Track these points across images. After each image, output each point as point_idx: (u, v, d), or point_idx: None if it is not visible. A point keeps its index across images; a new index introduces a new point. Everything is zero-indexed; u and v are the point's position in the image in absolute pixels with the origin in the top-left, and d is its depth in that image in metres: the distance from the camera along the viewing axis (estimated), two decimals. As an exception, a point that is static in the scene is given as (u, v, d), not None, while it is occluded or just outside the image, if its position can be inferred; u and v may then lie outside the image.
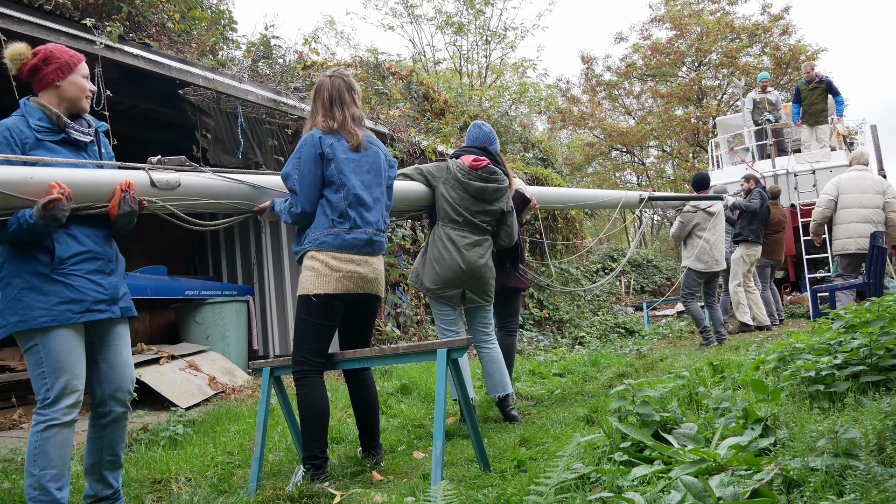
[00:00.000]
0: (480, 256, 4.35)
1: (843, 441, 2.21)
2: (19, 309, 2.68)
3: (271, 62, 8.48)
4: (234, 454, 4.10)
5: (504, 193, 4.47)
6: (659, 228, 30.33)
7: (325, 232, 3.36)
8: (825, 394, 3.14)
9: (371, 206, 3.43)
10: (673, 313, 12.45)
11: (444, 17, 22.07)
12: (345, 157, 3.37)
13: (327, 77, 3.52)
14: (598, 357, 7.39)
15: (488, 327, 4.60)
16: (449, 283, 4.32)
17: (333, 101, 3.44)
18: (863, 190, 7.04)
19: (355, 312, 3.58)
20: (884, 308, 3.49)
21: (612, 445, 2.83)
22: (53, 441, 2.69)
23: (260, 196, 3.65)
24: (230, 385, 6.35)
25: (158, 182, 3.25)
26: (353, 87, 3.51)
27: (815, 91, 11.20)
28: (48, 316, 2.69)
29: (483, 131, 4.61)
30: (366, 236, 3.39)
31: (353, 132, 3.40)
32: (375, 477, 3.39)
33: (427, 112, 9.96)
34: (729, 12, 22.90)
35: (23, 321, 2.67)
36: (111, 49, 5.85)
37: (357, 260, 3.37)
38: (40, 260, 2.72)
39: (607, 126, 23.60)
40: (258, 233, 8.58)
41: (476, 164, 4.38)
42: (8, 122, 2.79)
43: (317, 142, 3.35)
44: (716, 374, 4.63)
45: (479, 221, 4.38)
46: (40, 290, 2.70)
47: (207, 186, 3.47)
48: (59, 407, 2.71)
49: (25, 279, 2.70)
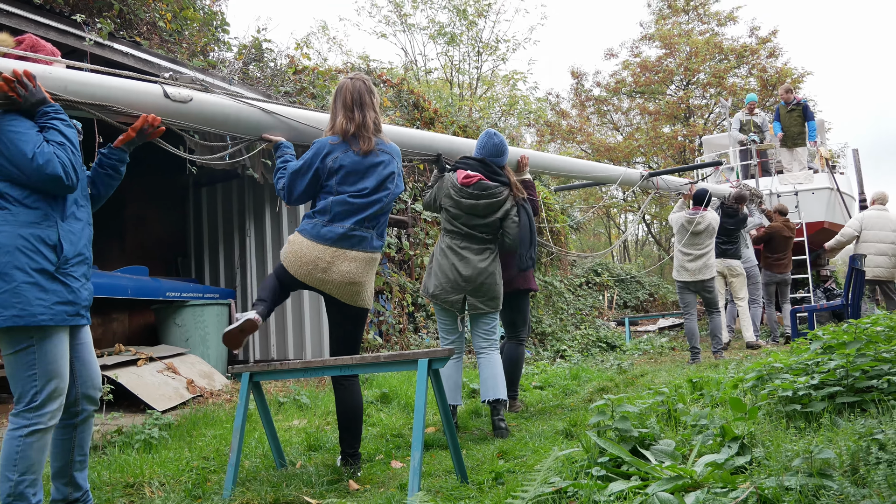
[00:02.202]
0: (480, 263, 4.42)
1: (817, 461, 2.22)
2: (17, 303, 2.57)
3: (262, 65, 8.47)
4: (210, 459, 4.06)
5: (500, 206, 4.46)
6: (643, 245, 30.50)
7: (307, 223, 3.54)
8: (801, 413, 3.17)
9: (359, 210, 3.48)
10: (654, 329, 12.50)
11: (437, 27, 22.13)
12: (349, 168, 3.46)
13: (349, 79, 3.60)
14: (579, 371, 7.40)
15: (490, 336, 4.61)
16: (450, 289, 4.43)
17: (354, 102, 3.52)
18: (881, 227, 8.33)
19: (337, 315, 3.64)
20: (860, 330, 3.52)
21: (590, 460, 2.83)
22: (36, 446, 2.63)
23: (272, 127, 3.72)
24: (208, 389, 6.30)
25: (172, 95, 3.29)
26: (372, 91, 3.60)
27: (793, 114, 11.41)
28: (47, 314, 2.63)
29: (493, 142, 4.56)
30: (342, 230, 3.45)
31: (366, 136, 3.50)
32: (352, 486, 3.37)
33: (417, 121, 9.97)
34: (718, 33, 23.12)
35: (19, 316, 2.58)
36: (101, 46, 5.82)
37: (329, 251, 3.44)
38: (46, 256, 2.66)
39: (595, 141, 23.71)
40: (242, 236, 8.54)
41: (467, 181, 4.40)
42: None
43: (323, 153, 3.46)
44: (695, 391, 4.65)
45: (478, 233, 4.46)
46: (42, 288, 2.63)
47: (218, 105, 3.55)
48: (46, 411, 2.65)
49: (29, 273, 2.61)
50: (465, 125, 11.27)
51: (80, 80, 3.03)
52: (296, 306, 7.76)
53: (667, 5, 23.94)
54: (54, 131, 2.70)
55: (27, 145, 2.61)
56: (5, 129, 2.65)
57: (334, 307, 3.62)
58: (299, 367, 3.57)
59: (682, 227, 7.59)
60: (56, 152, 2.64)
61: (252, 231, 8.42)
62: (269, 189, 7.94)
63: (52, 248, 2.68)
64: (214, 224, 9.01)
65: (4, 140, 2.64)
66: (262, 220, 8.27)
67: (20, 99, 2.69)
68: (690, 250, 7.59)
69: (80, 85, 3.05)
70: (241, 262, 8.55)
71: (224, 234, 8.85)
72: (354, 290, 3.53)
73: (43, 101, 2.75)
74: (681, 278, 7.73)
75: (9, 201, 2.64)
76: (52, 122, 2.72)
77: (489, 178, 4.45)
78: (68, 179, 2.66)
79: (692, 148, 21.50)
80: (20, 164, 2.62)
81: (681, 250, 7.63)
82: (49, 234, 2.68)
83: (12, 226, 2.62)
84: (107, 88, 3.13)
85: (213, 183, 8.97)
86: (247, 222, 8.47)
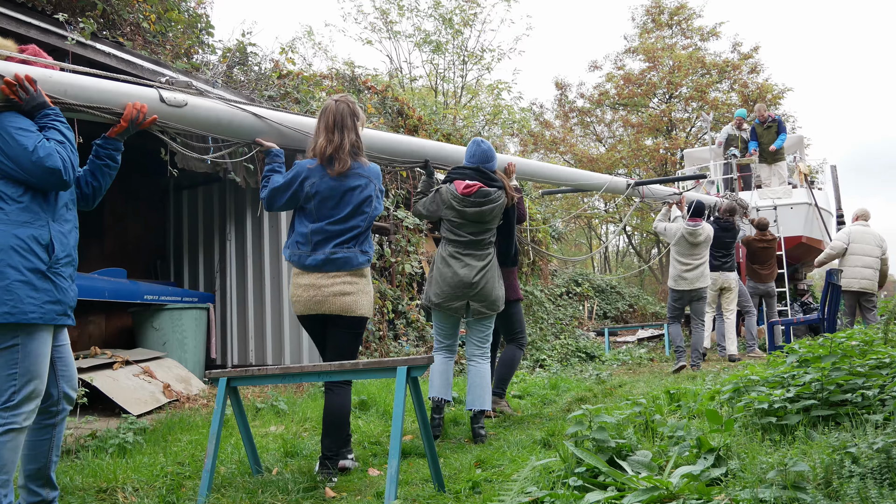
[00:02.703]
0: (483, 268, 4.56)
1: (791, 474, 2.24)
2: (8, 300, 2.60)
3: (246, 69, 8.44)
4: (185, 465, 4.02)
5: (500, 209, 4.61)
6: (623, 255, 30.69)
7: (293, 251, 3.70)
8: (777, 426, 3.20)
9: (337, 233, 3.64)
10: (634, 340, 12.57)
11: (423, 35, 22.18)
12: (325, 194, 3.61)
13: (333, 101, 3.71)
14: (557, 380, 7.42)
15: (483, 343, 4.75)
16: (453, 296, 4.54)
17: (336, 124, 3.63)
18: (867, 242, 8.62)
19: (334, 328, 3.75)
20: (836, 344, 3.56)
21: (567, 470, 2.83)
22: (10, 446, 2.62)
23: (263, 132, 3.86)
24: (185, 393, 6.24)
25: (167, 99, 3.44)
26: (356, 114, 3.71)
27: (769, 131, 11.69)
28: (37, 313, 2.66)
29: (481, 149, 4.67)
30: (323, 256, 3.62)
31: (342, 158, 3.59)
32: (328, 494, 3.35)
33: (401, 128, 9.98)
34: (701, 48, 23.41)
35: (10, 313, 2.60)
36: (83, 46, 5.77)
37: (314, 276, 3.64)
38: (39, 255, 2.70)
39: (578, 152, 23.85)
40: (223, 239, 8.48)
41: (468, 190, 4.50)
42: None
43: (301, 178, 3.63)
44: (672, 402, 4.68)
45: (481, 238, 4.59)
46: (34, 286, 2.67)
47: (212, 109, 3.69)
48: (22, 411, 2.65)
49: (22, 272, 2.64)
50: (449, 133, 11.29)
51: (79, 84, 3.14)
52: (275, 311, 7.72)
53: (651, 19, 24.21)
54: (55, 131, 2.78)
55: (28, 140, 2.68)
56: (6, 125, 2.70)
57: (331, 322, 3.72)
58: (277, 373, 3.55)
59: (682, 237, 7.75)
60: (56, 148, 2.72)
61: (233, 235, 8.36)
62: (250, 193, 7.90)
63: (45, 248, 2.72)
64: (195, 227, 8.94)
65: (5, 136, 2.69)
66: (243, 224, 8.22)
67: (21, 101, 2.77)
68: (689, 260, 7.80)
69: (80, 89, 3.15)
70: (221, 267, 8.48)
71: (204, 237, 8.78)
72: (345, 301, 3.65)
73: (43, 104, 2.83)
74: (679, 287, 7.90)
75: (4, 200, 2.68)
76: (52, 122, 2.80)
77: (487, 184, 4.56)
78: (66, 174, 2.72)
79: (674, 161, 21.70)
80: (20, 158, 2.66)
81: (680, 260, 7.83)
82: (42, 234, 2.72)
83: (6, 225, 2.66)
84: (104, 92, 3.23)
85: (194, 186, 8.91)
86: (227, 226, 8.41)
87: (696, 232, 7.71)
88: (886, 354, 3.46)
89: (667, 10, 23.82)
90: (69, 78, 3.13)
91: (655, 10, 23.98)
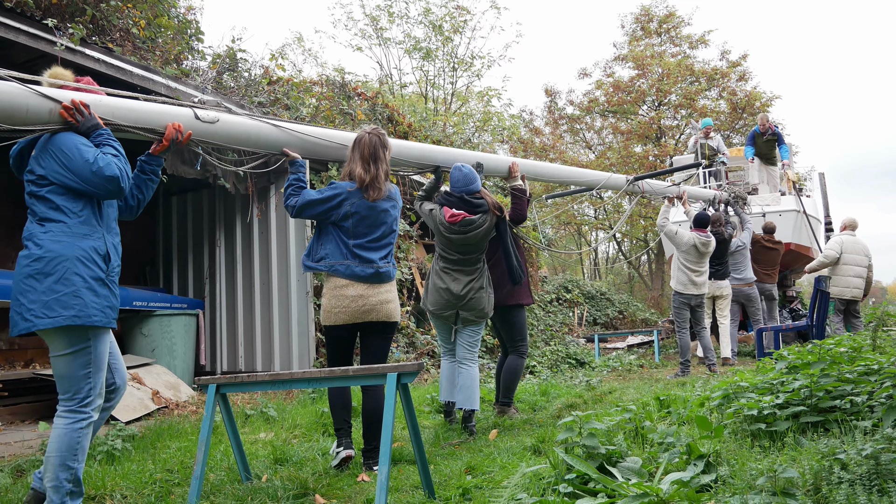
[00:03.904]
0: (470, 283, 4.95)
1: (781, 480, 2.25)
2: (75, 305, 2.89)
3: (236, 75, 8.43)
4: (174, 472, 3.99)
5: (486, 231, 4.92)
6: (613, 262, 30.78)
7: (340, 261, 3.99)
8: (766, 432, 3.21)
9: (376, 248, 4.05)
10: (623, 346, 12.59)
11: (413, 42, 22.24)
12: (363, 214, 3.99)
13: (366, 133, 4.12)
14: (548, 387, 7.41)
15: (473, 348, 5.11)
16: (445, 306, 4.99)
17: (371, 156, 4.05)
18: (857, 252, 8.90)
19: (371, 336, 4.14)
20: (825, 351, 3.59)
21: (557, 477, 2.83)
22: (88, 436, 2.99)
23: (288, 143, 4.20)
24: (174, 400, 6.20)
25: (201, 116, 3.78)
26: (385, 145, 4.14)
27: (768, 143, 11.83)
28: (100, 316, 2.97)
29: (462, 173, 4.96)
30: (372, 270, 4.01)
31: (377, 187, 4.02)
32: (318, 500, 3.34)
33: (391, 134, 9.98)
34: (689, 56, 23.56)
35: (78, 316, 2.88)
36: (72, 51, 5.75)
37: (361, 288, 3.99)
38: (98, 264, 3.01)
39: (568, 159, 23.88)
40: (212, 246, 8.46)
41: (453, 219, 4.86)
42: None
43: (341, 198, 3.98)
44: (662, 408, 4.69)
45: (469, 257, 4.97)
46: (95, 292, 2.97)
47: (241, 125, 4.03)
48: (96, 405, 3.03)
49: (86, 279, 2.94)
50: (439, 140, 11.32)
51: (125, 107, 3.46)
52: (265, 317, 7.69)
53: (640, 27, 24.35)
54: (108, 147, 3.11)
55: (89, 153, 3.00)
56: (69, 142, 3.02)
57: (367, 330, 4.10)
58: (267, 380, 3.54)
59: (694, 247, 8.14)
60: (112, 160, 3.03)
61: (222, 241, 8.34)
62: (240, 200, 7.88)
63: (103, 258, 3.05)
64: (184, 233, 8.91)
65: (67, 151, 3.00)
66: (232, 230, 8.19)
67: (78, 123, 3.11)
68: (697, 267, 8.20)
69: (125, 111, 3.46)
70: (211, 273, 8.45)
71: (193, 243, 8.75)
72: (389, 308, 4.07)
73: (97, 125, 3.16)
74: (688, 292, 8.22)
75: (66, 214, 2.98)
76: (106, 140, 3.13)
77: (472, 212, 4.89)
78: (123, 182, 3.04)
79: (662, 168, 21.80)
80: (82, 169, 2.96)
81: (690, 268, 8.19)
82: (99, 245, 3.05)
83: (70, 237, 2.96)
84: (147, 113, 3.54)
85: (183, 192, 8.88)
86: (217, 232, 8.39)
87: (709, 243, 8.18)
88: (875, 361, 3.49)
89: (656, 17, 23.98)
90: (116, 101, 3.46)
91: (645, 17, 24.14)
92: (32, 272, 2.90)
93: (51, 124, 3.08)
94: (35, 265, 2.90)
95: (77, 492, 2.95)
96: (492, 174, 5.75)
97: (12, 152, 3.17)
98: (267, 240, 7.75)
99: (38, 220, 2.98)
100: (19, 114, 3.01)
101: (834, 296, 8.84)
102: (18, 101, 3.01)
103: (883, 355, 3.66)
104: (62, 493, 2.90)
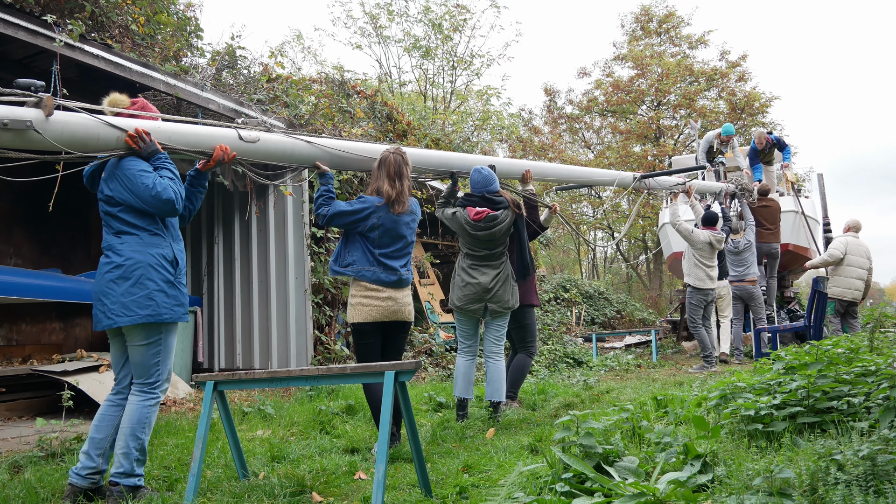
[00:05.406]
0: (497, 275, 5.26)
1: (777, 480, 2.26)
2: (150, 305, 3.39)
3: (235, 72, 8.42)
4: (171, 468, 4.00)
5: (508, 226, 5.23)
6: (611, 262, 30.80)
7: (366, 268, 4.40)
8: (763, 433, 3.21)
9: (398, 256, 4.47)
10: (621, 346, 12.59)
11: (412, 41, 22.23)
12: (388, 226, 4.41)
13: (390, 153, 4.55)
14: (545, 386, 7.41)
15: (499, 342, 5.40)
16: (473, 300, 5.26)
17: (396, 174, 4.47)
18: (860, 254, 8.97)
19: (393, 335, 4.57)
20: (822, 352, 3.59)
21: (554, 476, 2.84)
22: (155, 413, 3.49)
23: (318, 157, 4.58)
24: (171, 397, 6.20)
25: (244, 137, 4.19)
26: (408, 163, 4.57)
27: (769, 154, 11.77)
28: (170, 314, 3.46)
29: (482, 175, 5.28)
30: (396, 277, 4.44)
31: (403, 201, 4.45)
32: (315, 498, 3.34)
33: (390, 133, 9.99)
34: (689, 56, 23.57)
35: (152, 315, 3.39)
36: (71, 48, 5.74)
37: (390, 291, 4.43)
38: (168, 269, 3.50)
39: (567, 158, 23.87)
40: (210, 242, 8.45)
41: (477, 217, 5.15)
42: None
43: (369, 212, 4.38)
44: (659, 408, 4.69)
45: (494, 252, 5.27)
46: (166, 294, 3.46)
47: (279, 143, 4.42)
48: (164, 388, 3.54)
49: (158, 283, 3.43)
50: (438, 138, 11.31)
51: (178, 131, 3.87)
52: (263, 314, 7.69)
53: (640, 27, 24.35)
54: (166, 171, 3.54)
55: (148, 179, 3.45)
56: (132, 168, 3.47)
57: (392, 329, 4.53)
58: (265, 377, 3.54)
59: (709, 244, 8.56)
60: (169, 184, 3.47)
61: (220, 238, 8.33)
62: (238, 197, 7.88)
63: (171, 263, 3.52)
64: (182, 230, 8.90)
65: (130, 177, 3.45)
66: (230, 227, 8.19)
67: (140, 149, 3.53)
68: (711, 262, 8.67)
69: (179, 135, 3.86)
70: (209, 270, 8.45)
71: (192, 240, 8.74)
72: (409, 310, 4.54)
73: (156, 150, 3.60)
74: (706, 286, 8.62)
75: (139, 229, 3.48)
76: (164, 164, 3.57)
77: (494, 208, 5.19)
78: (178, 204, 3.50)
79: (662, 168, 21.79)
80: (142, 193, 3.42)
81: (705, 263, 8.63)
82: (167, 252, 3.52)
83: (143, 246, 3.46)
84: (197, 136, 3.95)
85: (182, 189, 8.86)
86: (215, 229, 8.38)
87: (723, 239, 8.73)
88: (872, 362, 3.49)
89: (656, 17, 23.98)
90: (171, 126, 3.87)
91: (644, 17, 24.13)
92: (113, 277, 3.40)
93: (118, 150, 3.54)
94: (115, 272, 3.40)
95: (142, 459, 3.42)
96: (504, 178, 5.85)
97: (85, 172, 3.61)
98: (265, 237, 7.74)
99: (115, 233, 3.48)
100: (91, 142, 3.47)
101: (835, 297, 8.92)
102: (91, 132, 3.46)
103: (880, 356, 3.66)
104: (131, 459, 3.37)
